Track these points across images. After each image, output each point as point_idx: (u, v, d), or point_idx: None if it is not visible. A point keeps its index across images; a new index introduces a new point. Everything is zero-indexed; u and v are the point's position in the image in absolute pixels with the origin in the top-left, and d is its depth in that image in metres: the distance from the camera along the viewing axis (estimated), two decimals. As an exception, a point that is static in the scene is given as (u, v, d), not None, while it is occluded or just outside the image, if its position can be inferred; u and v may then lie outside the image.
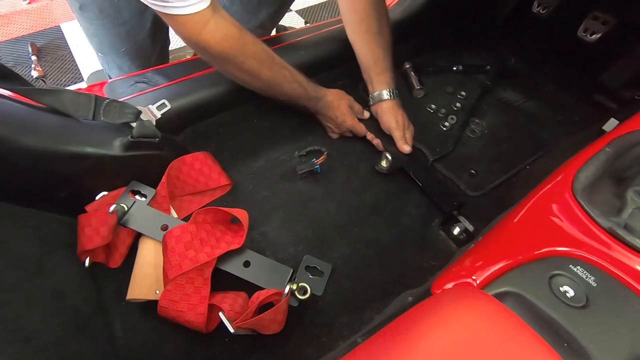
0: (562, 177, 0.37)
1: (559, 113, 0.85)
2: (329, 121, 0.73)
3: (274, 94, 0.67)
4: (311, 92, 0.69)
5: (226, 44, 0.56)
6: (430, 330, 0.22)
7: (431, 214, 0.67)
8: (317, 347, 0.53)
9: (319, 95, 0.70)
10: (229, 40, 0.56)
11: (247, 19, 0.88)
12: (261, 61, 0.61)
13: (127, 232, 0.58)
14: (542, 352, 0.22)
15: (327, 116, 0.72)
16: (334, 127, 0.74)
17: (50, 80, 1.33)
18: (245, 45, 0.59)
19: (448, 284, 0.33)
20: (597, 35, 0.78)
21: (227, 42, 0.56)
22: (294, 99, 0.68)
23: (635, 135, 0.39)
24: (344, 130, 0.74)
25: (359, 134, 0.74)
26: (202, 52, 0.58)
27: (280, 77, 0.64)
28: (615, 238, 0.31)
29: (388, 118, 0.72)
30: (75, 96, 0.56)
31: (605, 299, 0.28)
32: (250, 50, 0.59)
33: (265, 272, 0.55)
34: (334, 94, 0.72)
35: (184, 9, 0.51)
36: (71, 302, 0.49)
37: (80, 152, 0.54)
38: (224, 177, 0.66)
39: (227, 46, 0.56)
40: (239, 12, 0.87)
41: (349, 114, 0.73)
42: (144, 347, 0.51)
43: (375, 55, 0.72)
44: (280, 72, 0.64)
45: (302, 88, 0.67)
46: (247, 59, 0.60)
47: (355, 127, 0.73)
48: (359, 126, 0.74)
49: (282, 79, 0.65)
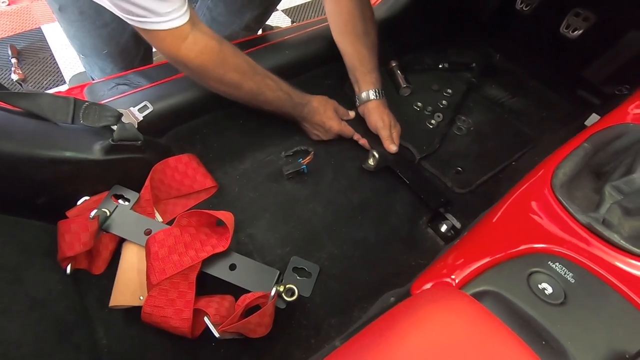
0: (541, 174, 0.37)
1: (544, 109, 0.86)
2: (316, 128, 0.72)
3: (257, 103, 0.66)
4: (296, 98, 0.68)
5: (205, 58, 0.55)
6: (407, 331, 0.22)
7: (418, 212, 0.67)
8: (305, 349, 0.52)
9: (304, 101, 0.69)
10: (208, 53, 0.55)
11: (232, 20, 0.87)
12: (243, 72, 0.61)
13: (109, 238, 0.57)
14: (518, 351, 0.22)
15: (314, 122, 0.71)
16: (321, 134, 0.73)
17: (31, 84, 1.30)
18: (226, 58, 0.58)
19: (427, 284, 0.33)
20: (578, 31, 0.79)
21: (206, 55, 0.55)
22: (279, 108, 0.68)
23: (613, 130, 0.40)
24: (331, 136, 0.74)
25: (347, 137, 0.74)
26: (181, 66, 0.58)
27: (263, 86, 0.63)
28: (593, 233, 0.32)
29: (374, 118, 0.73)
30: (53, 99, 0.55)
31: (583, 296, 0.29)
32: (230, 62, 0.59)
33: (251, 275, 0.54)
34: (319, 100, 0.71)
35: (162, 24, 0.50)
36: (52, 310, 0.48)
37: (58, 156, 0.52)
38: (209, 179, 0.66)
39: (206, 60, 0.56)
40: (223, 14, 0.86)
41: (335, 118, 0.72)
42: (129, 355, 0.50)
43: (361, 56, 0.72)
44: (263, 81, 0.63)
45: (286, 95, 0.66)
46: (228, 72, 0.59)
47: (343, 130, 0.73)
48: (347, 129, 0.73)
49: (265, 89, 0.64)
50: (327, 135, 0.74)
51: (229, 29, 0.88)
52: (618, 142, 0.40)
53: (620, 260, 0.32)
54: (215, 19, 0.87)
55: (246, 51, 0.76)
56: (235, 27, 0.88)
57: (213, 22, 0.88)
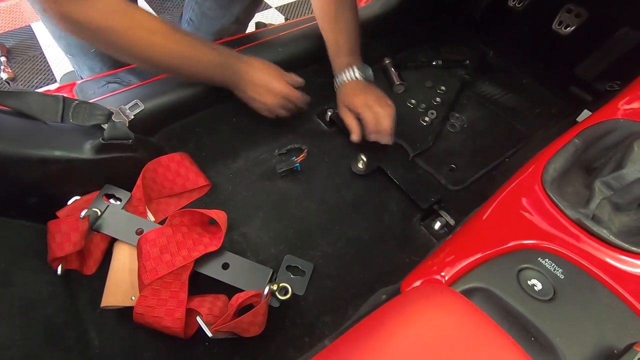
0: (532, 170, 0.37)
1: (537, 106, 0.86)
2: (256, 91, 0.61)
3: (187, 69, 0.58)
4: (228, 54, 0.60)
5: (116, 17, 0.50)
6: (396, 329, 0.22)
7: (412, 209, 0.67)
8: (299, 348, 0.52)
9: (240, 56, 0.60)
10: (118, 13, 0.50)
11: (222, 14, 0.86)
12: (160, 32, 0.54)
13: (101, 238, 0.56)
14: (506, 348, 0.22)
15: (255, 83, 0.60)
16: (263, 99, 0.62)
17: (20, 82, 1.28)
18: (137, 19, 0.52)
19: (417, 281, 0.33)
20: (571, 28, 0.79)
21: (117, 14, 0.50)
22: (210, 71, 0.59)
23: (603, 126, 0.40)
24: (278, 101, 0.62)
25: (296, 102, 0.65)
26: (88, 32, 0.51)
27: (186, 47, 0.56)
28: (583, 229, 0.32)
29: (350, 101, 0.65)
30: (41, 98, 0.54)
31: (572, 292, 0.29)
32: (145, 23, 0.53)
33: (244, 274, 0.54)
34: (260, 60, 0.63)
35: None
36: (42, 312, 0.48)
37: (48, 156, 0.52)
38: (201, 178, 0.65)
39: (116, 19, 0.50)
40: (212, 8, 0.85)
41: (281, 79, 0.62)
42: (121, 356, 0.50)
43: (339, 42, 0.69)
44: (185, 39, 0.56)
45: (216, 52, 0.58)
46: (142, 32, 0.53)
47: (290, 94, 0.63)
48: (294, 93, 0.64)
49: (190, 49, 0.56)
50: (270, 99, 0.62)
51: (219, 23, 0.87)
52: (608, 137, 0.40)
53: (609, 256, 0.32)
54: (205, 14, 0.86)
55: (238, 48, 0.76)
56: (226, 21, 0.87)
57: (203, 16, 0.86)
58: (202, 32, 0.90)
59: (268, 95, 0.61)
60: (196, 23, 0.89)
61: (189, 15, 0.89)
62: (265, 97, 0.62)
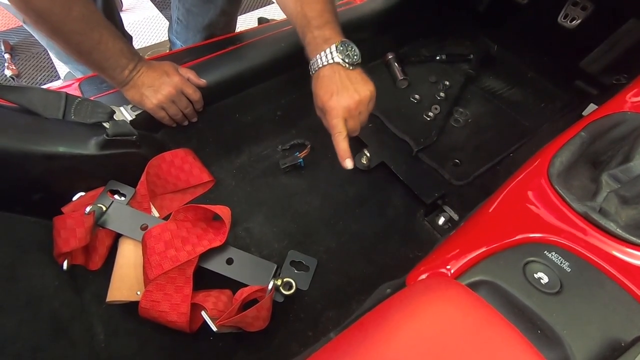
0: (538, 163, 0.37)
1: (542, 100, 0.86)
2: (152, 85, 0.57)
3: (89, 40, 0.51)
4: (133, 49, 0.57)
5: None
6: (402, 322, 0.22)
7: (416, 205, 0.67)
8: (303, 342, 0.52)
9: (137, 55, 0.57)
10: None
11: (207, 8, 0.84)
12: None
13: (106, 233, 0.56)
14: (513, 341, 0.22)
15: (150, 75, 0.57)
16: (163, 88, 0.57)
17: (25, 79, 1.28)
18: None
19: (422, 274, 0.33)
20: (577, 21, 0.78)
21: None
22: (115, 53, 0.53)
23: (611, 119, 0.39)
24: (175, 93, 0.58)
25: (191, 97, 0.62)
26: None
27: (97, 24, 0.51)
28: (590, 222, 0.32)
29: (319, 94, 0.51)
30: (44, 94, 0.54)
31: (579, 285, 0.28)
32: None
33: (248, 269, 0.54)
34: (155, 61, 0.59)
35: None
36: (48, 307, 0.48)
37: (52, 152, 0.52)
38: (205, 174, 0.65)
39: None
40: (196, 4, 0.84)
41: (177, 73, 0.59)
42: (127, 350, 0.50)
43: (305, 12, 0.52)
44: (93, 16, 0.51)
45: (123, 41, 0.55)
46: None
47: (184, 86, 0.60)
48: (189, 86, 0.61)
49: (99, 27, 0.51)
50: (169, 88, 0.58)
51: (206, 18, 0.86)
52: (615, 130, 0.40)
53: (616, 249, 0.31)
54: (190, 10, 0.85)
55: (240, 44, 0.76)
56: (212, 15, 0.86)
57: (189, 14, 0.86)
58: (191, 29, 0.89)
59: (167, 86, 0.58)
60: (184, 21, 0.89)
61: (176, 14, 0.89)
62: (165, 87, 0.58)
